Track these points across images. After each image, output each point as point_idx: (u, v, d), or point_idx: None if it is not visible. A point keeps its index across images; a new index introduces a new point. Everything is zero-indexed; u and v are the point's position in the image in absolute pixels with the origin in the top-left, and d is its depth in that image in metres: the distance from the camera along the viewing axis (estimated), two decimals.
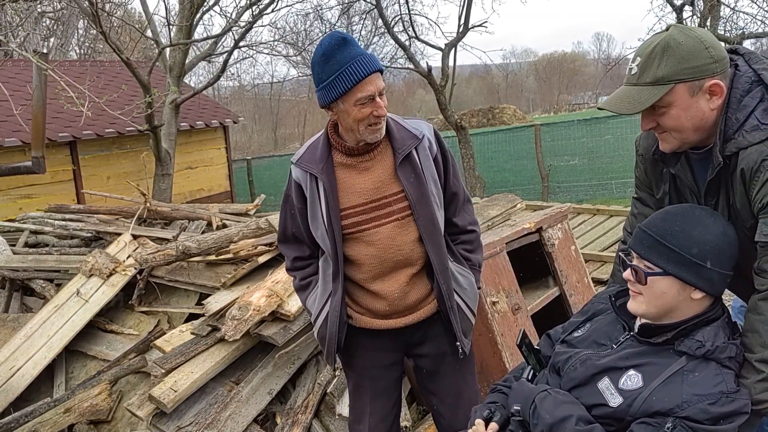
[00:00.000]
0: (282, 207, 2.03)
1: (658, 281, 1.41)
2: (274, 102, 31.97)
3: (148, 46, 13.63)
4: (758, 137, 1.36)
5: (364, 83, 1.71)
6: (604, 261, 4.85)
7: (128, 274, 3.91)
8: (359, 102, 1.73)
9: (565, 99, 47.50)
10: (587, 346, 1.55)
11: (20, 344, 3.58)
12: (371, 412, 2.05)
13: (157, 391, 2.86)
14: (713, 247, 1.40)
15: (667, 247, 1.40)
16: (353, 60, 1.70)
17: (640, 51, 1.43)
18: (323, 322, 1.96)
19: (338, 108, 1.77)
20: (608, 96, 1.51)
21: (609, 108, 1.46)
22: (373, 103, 1.74)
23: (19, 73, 9.60)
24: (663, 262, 1.41)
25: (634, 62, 1.43)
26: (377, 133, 1.82)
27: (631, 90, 1.42)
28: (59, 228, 4.96)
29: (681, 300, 1.42)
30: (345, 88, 1.71)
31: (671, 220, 1.44)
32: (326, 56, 1.72)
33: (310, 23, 14.36)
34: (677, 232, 1.41)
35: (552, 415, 1.41)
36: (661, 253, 1.41)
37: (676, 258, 1.39)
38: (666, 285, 1.41)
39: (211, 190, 11.07)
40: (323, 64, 1.72)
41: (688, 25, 8.76)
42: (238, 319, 2.93)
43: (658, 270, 1.41)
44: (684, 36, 1.38)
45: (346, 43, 1.72)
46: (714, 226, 1.42)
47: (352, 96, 1.73)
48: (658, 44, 1.38)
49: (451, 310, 1.93)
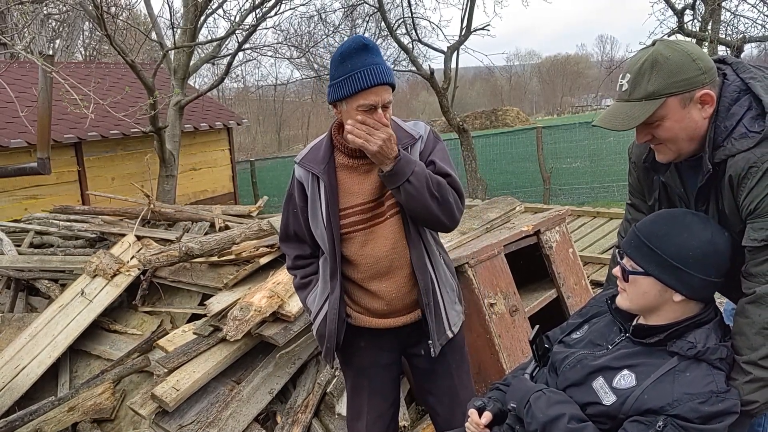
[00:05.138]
0: (284, 206, 2.06)
1: (640, 280, 1.46)
2: (278, 104, 31.99)
3: (152, 48, 13.69)
4: (746, 144, 1.39)
5: (369, 92, 1.75)
6: (603, 263, 4.86)
7: (132, 274, 3.94)
8: (361, 108, 1.77)
9: (569, 101, 47.45)
10: (584, 347, 1.58)
11: (25, 343, 3.61)
12: (368, 410, 2.08)
13: (159, 390, 2.89)
14: (696, 254, 1.41)
15: (649, 248, 1.44)
16: (365, 67, 1.74)
17: (629, 68, 1.45)
18: (322, 321, 1.99)
19: (342, 108, 1.82)
20: (602, 111, 1.53)
21: (603, 125, 1.48)
22: (374, 113, 1.77)
23: (25, 75, 9.66)
24: (645, 263, 1.45)
25: (623, 79, 1.45)
26: None
27: (623, 106, 1.44)
28: (64, 229, 5.00)
29: (662, 301, 1.45)
30: (350, 91, 1.75)
31: (659, 223, 1.48)
32: (343, 57, 1.77)
33: (314, 26, 14.40)
34: (662, 235, 1.45)
35: (545, 413, 1.45)
36: (644, 254, 1.45)
37: (656, 260, 1.43)
38: (647, 285, 1.45)
39: (214, 192, 11.10)
40: (339, 63, 1.78)
41: (689, 29, 8.78)
42: (240, 320, 2.96)
43: (639, 270, 1.46)
44: (670, 50, 1.40)
45: (366, 49, 1.76)
46: (702, 233, 1.44)
47: (354, 101, 1.76)
48: (646, 60, 1.41)
49: (427, 307, 1.95)
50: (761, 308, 1.39)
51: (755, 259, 1.40)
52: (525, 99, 48.29)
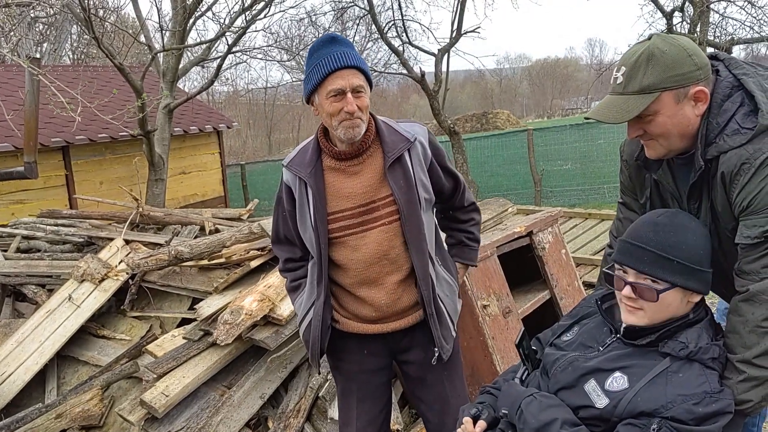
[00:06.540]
0: (274, 209, 2.05)
1: (667, 295, 1.43)
2: (268, 107, 31.96)
3: (141, 51, 13.62)
4: (738, 141, 1.38)
5: (335, 76, 1.73)
6: (595, 264, 4.88)
7: (120, 279, 3.91)
8: (330, 95, 1.75)
9: (559, 104, 47.73)
10: (575, 348, 1.57)
11: (12, 350, 3.56)
12: (359, 416, 2.05)
13: (148, 396, 2.86)
14: (705, 250, 1.44)
15: (671, 260, 1.41)
16: (330, 54, 1.74)
17: (624, 60, 1.44)
18: (307, 326, 1.97)
19: (316, 102, 1.81)
20: (596, 104, 1.53)
21: (596, 117, 1.47)
22: (344, 98, 1.75)
23: (12, 78, 9.57)
24: (670, 276, 1.41)
25: (618, 72, 1.44)
26: (351, 130, 1.78)
27: (617, 99, 1.43)
28: (51, 233, 4.94)
29: (682, 306, 1.45)
30: (317, 79, 1.75)
31: (664, 232, 1.44)
32: (311, 51, 1.78)
33: (304, 28, 14.40)
34: (674, 242, 1.42)
35: (537, 419, 1.43)
36: (666, 267, 1.41)
37: (681, 269, 1.41)
38: (672, 296, 1.43)
39: (205, 195, 11.04)
40: (308, 59, 1.79)
41: (677, 31, 8.85)
42: (230, 324, 2.93)
43: (667, 285, 1.42)
44: (667, 45, 1.40)
45: (333, 40, 1.77)
46: (698, 229, 1.46)
47: (323, 88, 1.76)
48: (642, 53, 1.40)
49: (431, 317, 1.92)
50: (755, 306, 1.38)
51: (748, 257, 1.40)
52: (515, 102, 48.48)
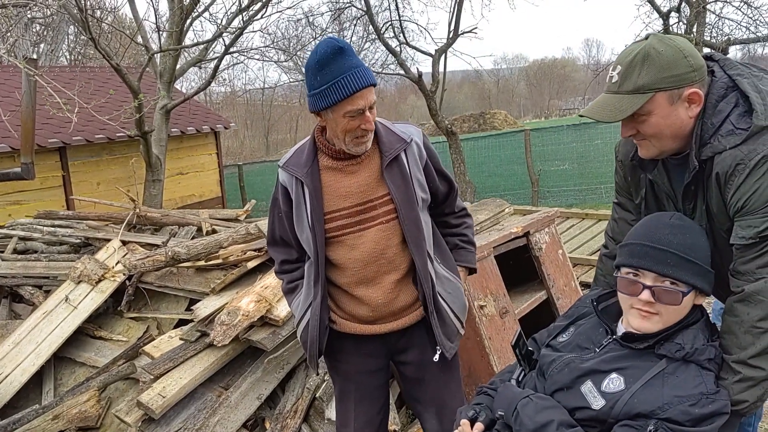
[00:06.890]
0: (270, 210, 2.04)
1: (688, 298, 1.42)
2: (265, 107, 31.93)
3: (138, 52, 13.60)
4: (733, 141, 1.38)
5: (356, 97, 1.71)
6: (592, 265, 4.88)
7: (117, 280, 3.90)
8: (348, 114, 1.73)
9: (556, 104, 47.78)
10: (571, 350, 1.56)
11: (8, 351, 3.55)
12: (356, 417, 2.05)
13: (145, 397, 2.85)
14: (710, 251, 1.45)
15: (693, 262, 1.41)
16: (347, 72, 1.69)
17: (620, 60, 1.44)
18: (305, 327, 1.97)
19: (327, 116, 1.78)
20: (591, 102, 1.54)
21: (590, 116, 1.48)
22: (362, 116, 1.74)
23: (9, 79, 9.56)
24: (692, 278, 1.41)
25: (614, 70, 1.44)
26: (362, 146, 1.82)
27: (611, 98, 1.44)
28: (48, 234, 4.93)
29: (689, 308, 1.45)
30: (336, 99, 1.70)
31: (682, 234, 1.43)
32: (321, 64, 1.71)
33: (301, 29, 14.40)
34: (692, 245, 1.42)
35: (533, 420, 1.43)
36: (689, 269, 1.41)
37: (699, 271, 1.42)
38: (690, 299, 1.43)
39: (202, 196, 11.03)
40: (317, 71, 1.72)
41: (674, 31, 8.87)
42: (227, 325, 2.93)
43: (688, 288, 1.41)
44: (663, 45, 1.40)
45: (342, 52, 1.71)
46: (702, 230, 1.47)
47: (342, 108, 1.73)
48: (638, 53, 1.40)
49: (432, 315, 1.93)
50: (750, 306, 1.38)
51: (743, 257, 1.40)
52: (513, 102, 48.52)
